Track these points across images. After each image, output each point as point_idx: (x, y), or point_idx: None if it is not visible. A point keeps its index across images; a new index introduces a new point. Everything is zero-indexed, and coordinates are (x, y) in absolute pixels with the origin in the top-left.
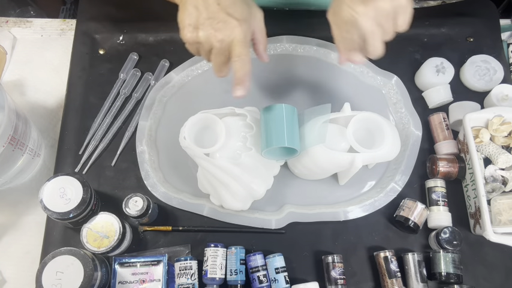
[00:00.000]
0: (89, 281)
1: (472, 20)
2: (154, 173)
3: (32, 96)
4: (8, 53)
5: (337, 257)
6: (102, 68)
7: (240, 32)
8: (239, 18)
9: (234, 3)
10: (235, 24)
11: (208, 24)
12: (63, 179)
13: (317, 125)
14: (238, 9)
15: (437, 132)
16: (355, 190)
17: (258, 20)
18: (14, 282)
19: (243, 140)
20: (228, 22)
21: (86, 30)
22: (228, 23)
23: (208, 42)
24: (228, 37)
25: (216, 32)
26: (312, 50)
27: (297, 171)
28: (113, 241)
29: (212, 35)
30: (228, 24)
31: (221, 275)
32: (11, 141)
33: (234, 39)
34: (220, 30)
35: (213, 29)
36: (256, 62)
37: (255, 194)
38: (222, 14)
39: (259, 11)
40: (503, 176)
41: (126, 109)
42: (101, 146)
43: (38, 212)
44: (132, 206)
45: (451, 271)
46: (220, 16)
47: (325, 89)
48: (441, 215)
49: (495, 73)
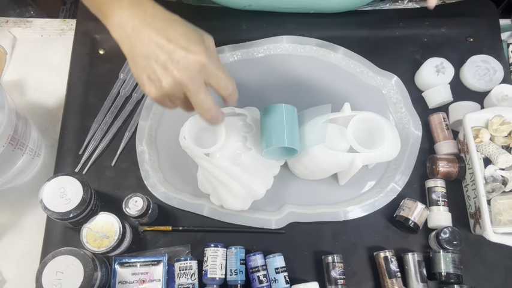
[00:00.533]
0: (89, 281)
1: (472, 20)
2: (154, 173)
3: (32, 96)
4: (8, 53)
5: (337, 257)
6: (102, 68)
7: (206, 58)
8: (196, 47)
9: (184, 35)
10: (198, 54)
11: (169, 69)
12: (63, 179)
13: (317, 125)
14: (191, 39)
15: (437, 132)
16: (355, 190)
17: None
18: (14, 282)
19: (243, 140)
20: (188, 57)
21: (86, 30)
22: (188, 57)
23: (178, 89)
24: (198, 71)
25: (180, 72)
26: (312, 50)
27: (297, 171)
28: (113, 241)
29: (178, 78)
30: (190, 58)
31: (221, 275)
32: (11, 141)
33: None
34: (185, 69)
35: (177, 71)
36: (255, 62)
37: (255, 194)
38: (178, 51)
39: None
40: (503, 176)
41: (126, 109)
42: (101, 146)
43: (38, 212)
44: (132, 206)
45: (451, 271)
46: (178, 54)
47: (325, 89)
48: (441, 215)
49: (495, 73)
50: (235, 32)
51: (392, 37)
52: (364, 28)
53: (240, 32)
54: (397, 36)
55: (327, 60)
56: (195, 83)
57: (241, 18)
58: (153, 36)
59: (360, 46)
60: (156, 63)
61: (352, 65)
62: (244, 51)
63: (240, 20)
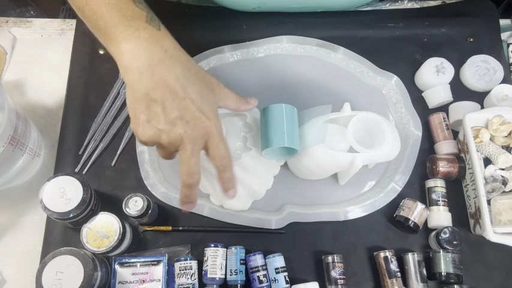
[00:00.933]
0: (89, 281)
1: (472, 20)
2: (154, 173)
3: (32, 96)
4: (8, 53)
5: (337, 257)
6: (102, 68)
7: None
8: (211, 113)
9: (201, 95)
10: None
11: (176, 124)
12: (63, 179)
13: (317, 125)
14: (206, 101)
15: (437, 132)
16: (355, 190)
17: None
18: (14, 282)
19: (243, 140)
20: (199, 120)
21: (86, 30)
22: (199, 120)
23: (174, 145)
24: (202, 136)
25: (187, 131)
26: (312, 50)
27: (297, 171)
28: (112, 241)
29: (182, 137)
30: (200, 123)
31: (221, 275)
32: (11, 141)
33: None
34: (191, 130)
35: (183, 130)
36: (255, 62)
37: (255, 194)
38: (191, 110)
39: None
40: (503, 176)
41: (126, 109)
42: (101, 146)
43: (38, 212)
44: (132, 206)
45: (451, 271)
46: (190, 114)
47: (325, 89)
48: (441, 215)
49: (495, 73)
50: (235, 32)
51: (392, 37)
52: (364, 28)
53: (240, 32)
54: (397, 36)
55: (327, 60)
56: (194, 145)
57: (241, 18)
58: (170, 83)
59: (360, 46)
60: (164, 112)
61: (352, 65)
62: (244, 51)
63: (240, 20)
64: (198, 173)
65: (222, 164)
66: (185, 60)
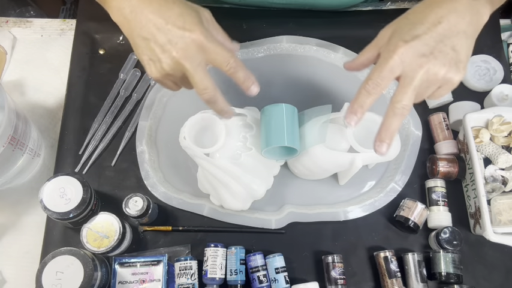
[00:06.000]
0: (89, 281)
1: None
2: (154, 173)
3: (32, 96)
4: (8, 53)
5: (337, 257)
6: (102, 68)
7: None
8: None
9: (181, 15)
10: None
11: (167, 49)
12: (63, 179)
13: (317, 125)
14: (188, 19)
15: (437, 132)
16: (355, 190)
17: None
18: (14, 282)
19: (243, 140)
20: (185, 37)
21: (86, 30)
22: (185, 37)
23: (177, 69)
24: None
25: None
26: (312, 50)
27: (297, 171)
28: (112, 241)
29: (177, 59)
30: (187, 38)
31: (221, 275)
32: (11, 141)
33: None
34: (183, 49)
35: (175, 52)
36: (255, 62)
37: (255, 194)
38: (175, 31)
39: (206, 10)
40: (503, 176)
41: (126, 109)
42: (101, 146)
43: (38, 212)
44: (132, 206)
45: (451, 271)
46: (176, 34)
47: (325, 89)
48: (441, 215)
49: (495, 73)
50: (235, 32)
51: None
52: (364, 28)
53: (240, 32)
54: None
55: (327, 60)
56: (192, 62)
57: (241, 18)
58: (151, 18)
59: (360, 46)
60: (155, 44)
61: None
62: (244, 51)
63: (240, 20)
64: (208, 87)
65: (229, 66)
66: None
